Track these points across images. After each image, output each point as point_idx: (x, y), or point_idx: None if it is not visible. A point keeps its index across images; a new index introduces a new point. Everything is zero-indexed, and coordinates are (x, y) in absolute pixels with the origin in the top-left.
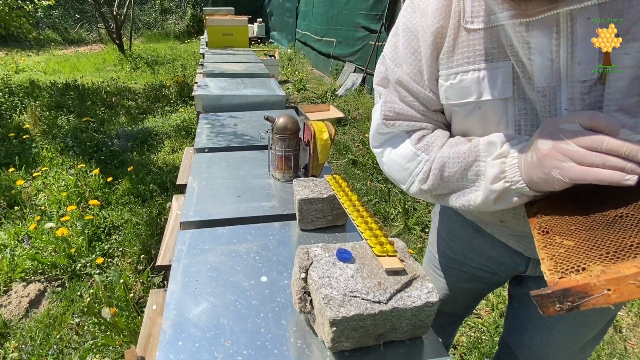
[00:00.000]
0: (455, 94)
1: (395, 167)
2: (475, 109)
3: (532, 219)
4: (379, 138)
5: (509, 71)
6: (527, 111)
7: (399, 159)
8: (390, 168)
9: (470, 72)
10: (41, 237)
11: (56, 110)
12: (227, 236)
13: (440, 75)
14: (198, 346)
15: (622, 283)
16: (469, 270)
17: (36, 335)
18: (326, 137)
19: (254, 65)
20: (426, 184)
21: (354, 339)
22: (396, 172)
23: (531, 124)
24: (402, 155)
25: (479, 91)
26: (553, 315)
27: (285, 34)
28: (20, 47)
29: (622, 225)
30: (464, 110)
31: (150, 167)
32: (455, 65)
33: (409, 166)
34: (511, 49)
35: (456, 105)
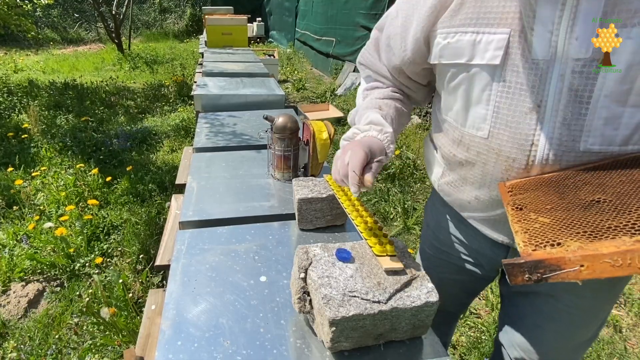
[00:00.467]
0: (449, 53)
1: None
2: (464, 73)
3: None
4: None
5: (504, 39)
6: (510, 89)
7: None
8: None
9: (468, 34)
10: (40, 237)
11: (55, 110)
12: (226, 236)
13: (439, 33)
14: (197, 346)
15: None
16: (457, 262)
17: (35, 335)
18: (325, 136)
19: (253, 64)
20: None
21: (354, 339)
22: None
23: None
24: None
25: (471, 53)
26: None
27: (285, 33)
28: (19, 46)
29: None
30: (452, 74)
31: (149, 166)
32: (456, 25)
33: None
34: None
35: (447, 65)
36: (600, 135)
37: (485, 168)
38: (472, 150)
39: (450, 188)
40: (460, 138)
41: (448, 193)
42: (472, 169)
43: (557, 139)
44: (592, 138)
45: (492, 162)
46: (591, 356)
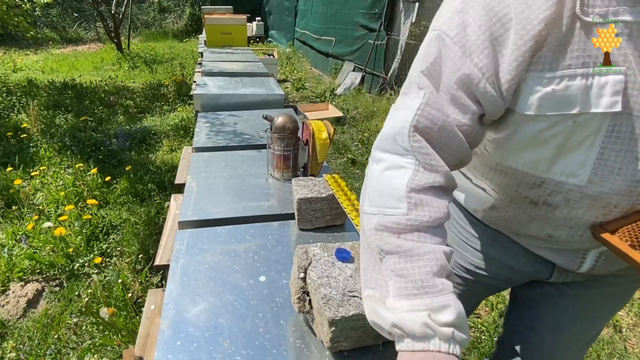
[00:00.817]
0: (553, 104)
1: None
2: (569, 123)
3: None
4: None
5: (621, 80)
6: (620, 134)
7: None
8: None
9: (578, 78)
10: (39, 237)
11: (54, 110)
12: (225, 236)
13: (534, 77)
14: (196, 346)
15: None
16: (481, 279)
17: (34, 335)
18: (325, 136)
19: (253, 64)
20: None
21: (353, 338)
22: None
23: (617, 152)
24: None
25: (584, 102)
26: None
27: (284, 32)
28: (18, 46)
29: None
30: (550, 125)
31: (148, 166)
32: (562, 67)
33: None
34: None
35: (548, 117)
36: None
37: (572, 212)
38: (558, 196)
39: (505, 222)
40: (538, 183)
41: (498, 224)
42: (552, 211)
43: None
44: None
45: (584, 207)
46: (591, 356)
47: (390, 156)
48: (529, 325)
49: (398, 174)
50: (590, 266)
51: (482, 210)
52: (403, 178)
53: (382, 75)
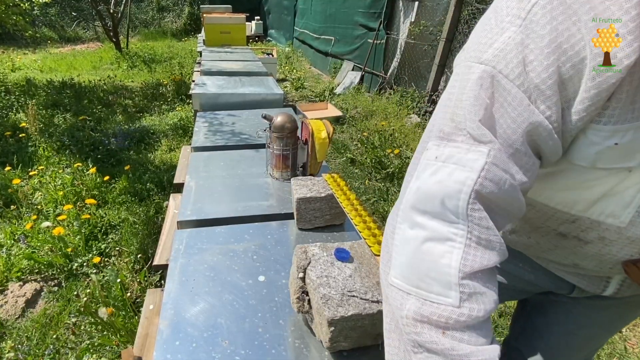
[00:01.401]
0: (613, 157)
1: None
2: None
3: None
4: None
5: None
6: None
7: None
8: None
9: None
10: (38, 237)
11: (53, 109)
12: (224, 235)
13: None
14: (195, 346)
15: None
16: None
17: (32, 335)
18: (324, 135)
19: (252, 63)
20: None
21: (352, 338)
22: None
23: None
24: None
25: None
26: None
27: (283, 32)
28: (17, 45)
29: None
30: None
31: (147, 165)
32: (630, 119)
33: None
34: None
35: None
36: None
37: (605, 249)
38: (592, 233)
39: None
40: (572, 220)
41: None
42: (583, 245)
43: None
44: None
45: (619, 245)
46: None
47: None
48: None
49: (443, 250)
50: (614, 290)
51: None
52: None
53: (382, 75)
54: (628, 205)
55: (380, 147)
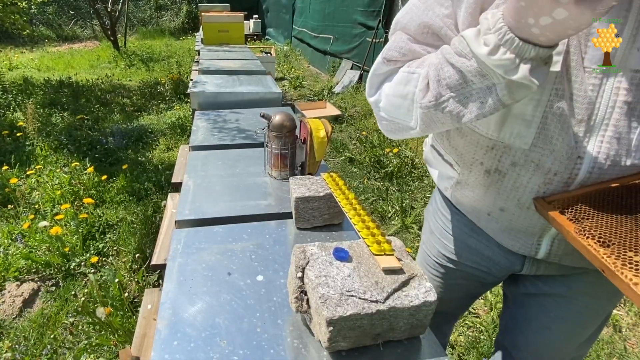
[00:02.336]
0: None
1: (394, 101)
2: None
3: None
4: (375, 81)
5: (562, 43)
6: (562, 98)
7: (395, 88)
8: (390, 107)
9: None
10: (35, 236)
11: (50, 108)
12: (222, 235)
13: None
14: (193, 346)
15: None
16: (464, 269)
17: (30, 335)
18: (323, 134)
19: (250, 62)
20: (427, 96)
21: (351, 338)
22: (397, 107)
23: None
24: (397, 83)
25: None
26: None
27: (282, 30)
28: (14, 43)
29: None
30: None
31: (145, 165)
32: None
33: (408, 90)
34: None
35: None
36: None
37: (518, 180)
38: (505, 160)
39: (466, 199)
40: (491, 146)
41: (462, 202)
42: (502, 180)
43: (604, 153)
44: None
45: (528, 174)
46: (591, 356)
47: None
48: (518, 325)
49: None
50: (547, 251)
51: (450, 187)
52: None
53: None
54: (530, 125)
55: (379, 146)
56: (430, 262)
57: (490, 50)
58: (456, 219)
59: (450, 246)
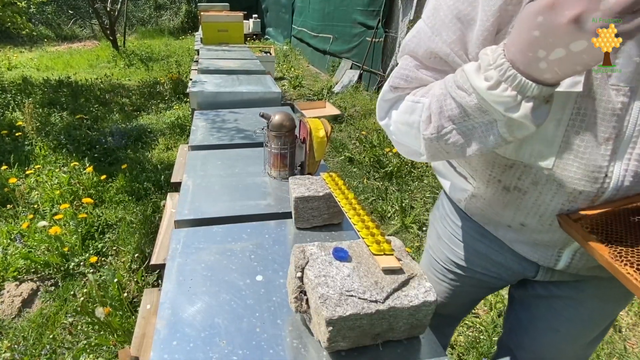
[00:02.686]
0: None
1: (402, 129)
2: None
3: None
4: (383, 106)
5: None
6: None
7: (401, 117)
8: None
9: None
10: (34, 236)
11: (49, 108)
12: (222, 235)
13: None
14: (193, 346)
15: None
16: (473, 275)
17: (29, 335)
18: (322, 134)
19: (250, 61)
20: (429, 128)
21: (351, 338)
22: (405, 134)
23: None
24: (403, 112)
25: None
26: None
27: (281, 30)
28: (13, 43)
29: None
30: None
31: (144, 164)
32: None
33: (413, 119)
34: None
35: None
36: None
37: (540, 198)
38: (526, 179)
39: (483, 212)
40: (509, 165)
41: (478, 214)
42: (522, 197)
43: (632, 171)
44: None
45: (551, 192)
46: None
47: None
48: (524, 326)
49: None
50: (567, 263)
51: (464, 199)
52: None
53: (380, 73)
54: (551, 144)
55: (378, 145)
56: (437, 268)
57: (490, 85)
58: (465, 225)
59: (458, 252)
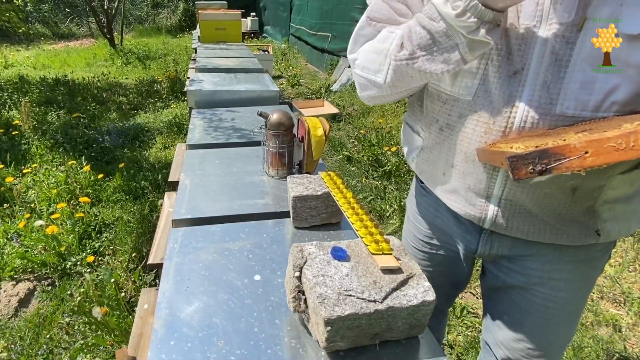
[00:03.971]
0: None
1: (370, 57)
2: None
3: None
4: (358, 40)
5: None
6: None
7: (374, 45)
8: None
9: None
10: (31, 235)
11: (46, 106)
12: (219, 234)
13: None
14: (190, 346)
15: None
16: (437, 250)
17: (26, 335)
18: (320, 133)
19: (247, 60)
20: (402, 51)
21: (349, 338)
22: (371, 62)
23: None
24: (378, 40)
25: None
26: (523, 179)
27: (279, 28)
28: (9, 41)
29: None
30: None
31: (141, 163)
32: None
33: (384, 46)
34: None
35: None
36: (574, 99)
37: (464, 132)
38: (454, 112)
39: (426, 163)
40: (445, 100)
41: (424, 170)
42: (451, 134)
43: (536, 102)
44: (567, 102)
45: (471, 125)
46: (590, 356)
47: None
48: (494, 321)
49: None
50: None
51: (416, 157)
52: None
53: None
54: (475, 77)
55: (377, 144)
56: (409, 248)
57: (457, 13)
58: (424, 201)
59: (422, 229)
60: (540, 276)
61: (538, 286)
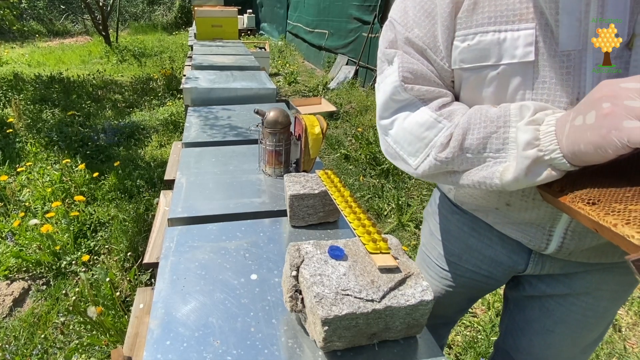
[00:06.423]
0: (471, 57)
1: (408, 137)
2: (492, 75)
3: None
4: (392, 106)
5: (531, 34)
6: (545, 84)
7: (415, 127)
8: (401, 139)
9: (490, 33)
10: (25, 234)
11: (41, 104)
12: (216, 233)
13: (457, 36)
14: (186, 346)
15: None
16: (464, 273)
17: (20, 335)
18: (318, 131)
19: (244, 57)
20: (444, 152)
21: (347, 338)
22: (408, 143)
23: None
24: (419, 123)
25: (498, 54)
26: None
27: (276, 25)
28: (4, 38)
29: None
30: (477, 78)
31: (137, 162)
32: (474, 25)
33: (426, 135)
34: (536, 9)
35: (470, 69)
36: None
37: None
38: None
39: (471, 198)
40: None
41: (467, 202)
42: None
43: None
44: None
45: None
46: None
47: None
48: (519, 327)
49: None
50: (558, 244)
51: (453, 188)
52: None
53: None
54: None
55: (374, 142)
56: (430, 264)
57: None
58: (456, 218)
59: (450, 247)
60: (587, 286)
61: (582, 295)
